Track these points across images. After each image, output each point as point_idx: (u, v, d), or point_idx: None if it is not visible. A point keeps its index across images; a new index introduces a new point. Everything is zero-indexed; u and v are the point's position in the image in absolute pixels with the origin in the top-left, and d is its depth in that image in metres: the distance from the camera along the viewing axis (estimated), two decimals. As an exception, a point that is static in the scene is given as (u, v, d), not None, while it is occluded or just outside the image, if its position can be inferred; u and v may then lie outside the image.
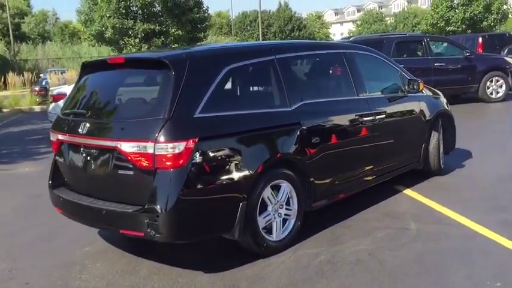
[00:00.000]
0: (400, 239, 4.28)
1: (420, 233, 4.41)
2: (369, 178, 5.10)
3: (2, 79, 21.83)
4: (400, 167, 5.56)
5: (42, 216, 5.28)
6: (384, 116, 5.14)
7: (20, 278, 3.89)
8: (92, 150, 3.83)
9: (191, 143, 3.50)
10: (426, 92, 6.00)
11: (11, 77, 21.98)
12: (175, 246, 4.12)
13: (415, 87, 5.58)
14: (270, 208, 4.06)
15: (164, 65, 3.68)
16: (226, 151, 3.71)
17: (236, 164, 3.73)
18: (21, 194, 6.43)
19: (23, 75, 22.28)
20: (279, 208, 4.14)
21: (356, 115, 4.81)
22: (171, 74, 3.61)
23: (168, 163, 3.46)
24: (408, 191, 5.58)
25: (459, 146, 6.84)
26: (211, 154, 3.61)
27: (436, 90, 6.54)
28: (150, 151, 3.47)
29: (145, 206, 3.49)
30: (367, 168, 5.04)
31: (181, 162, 3.47)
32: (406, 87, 5.62)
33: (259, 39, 41.43)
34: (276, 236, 4.10)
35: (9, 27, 31.66)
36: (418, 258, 3.90)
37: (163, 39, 23.63)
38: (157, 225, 3.47)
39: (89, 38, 26.14)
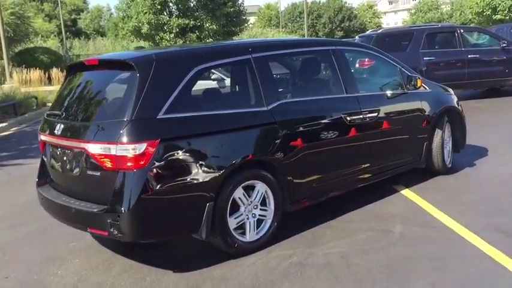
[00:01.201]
0: (379, 242, 4.17)
1: (402, 236, 4.28)
2: (362, 177, 4.98)
3: (47, 74, 22.76)
4: (397, 166, 5.39)
5: (43, 211, 5.48)
6: (376, 114, 4.99)
7: (3, 272, 4.08)
8: (66, 151, 3.95)
9: (152, 144, 3.54)
10: (430, 89, 5.77)
11: (56, 72, 22.88)
12: (150, 244, 4.19)
13: (413, 83, 5.39)
14: (242, 209, 4.05)
15: (131, 66, 3.73)
16: (192, 152, 3.73)
17: (202, 165, 3.74)
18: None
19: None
20: (253, 209, 4.12)
21: (343, 113, 4.70)
22: (136, 75, 3.67)
23: (129, 164, 3.52)
24: (406, 191, 5.41)
25: (479, 143, 6.57)
26: (174, 155, 3.65)
27: (446, 87, 6.28)
28: (113, 152, 3.54)
29: (108, 206, 3.57)
30: (359, 167, 4.93)
31: (142, 163, 3.52)
32: (406, 84, 5.43)
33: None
34: (249, 236, 4.09)
35: (62, 24, 32.94)
36: (390, 263, 3.79)
37: (198, 33, 23.86)
38: (119, 225, 3.55)
39: (126, 34, 26.84)
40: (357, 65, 8.88)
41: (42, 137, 4.29)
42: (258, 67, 4.23)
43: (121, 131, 3.52)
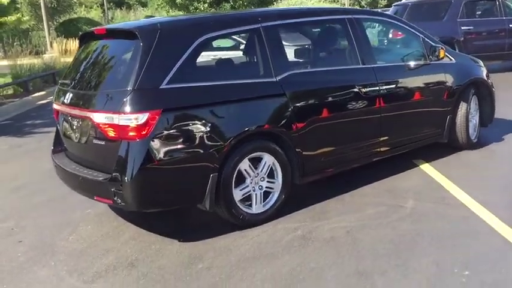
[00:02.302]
0: (388, 218, 4.08)
1: (413, 212, 4.17)
2: (378, 150, 4.86)
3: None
4: (418, 140, 5.23)
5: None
6: (394, 86, 4.83)
7: (17, 236, 4.23)
8: (75, 120, 4.01)
9: (154, 114, 3.54)
10: (455, 59, 5.51)
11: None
12: (160, 213, 4.24)
13: (436, 54, 5.16)
14: (248, 181, 4.02)
15: (135, 35, 3.71)
16: (195, 123, 3.71)
17: (206, 136, 3.72)
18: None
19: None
20: (260, 181, 4.09)
21: (358, 85, 4.56)
22: (140, 44, 3.65)
23: (132, 134, 3.54)
24: (425, 166, 5.25)
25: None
26: (177, 125, 3.64)
27: (474, 58, 6.00)
28: (116, 122, 3.56)
29: (112, 175, 3.61)
30: (375, 140, 4.81)
31: (144, 133, 3.53)
32: (429, 54, 5.21)
33: None
34: (255, 208, 4.07)
35: (104, -5, 33.23)
36: (396, 239, 3.70)
37: (232, 3, 23.58)
38: (123, 194, 3.59)
39: (161, 4, 26.83)
40: (391, 35, 8.61)
41: (55, 106, 4.36)
42: (268, 37, 4.14)
43: (124, 101, 3.53)
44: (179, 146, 3.66)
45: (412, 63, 5.04)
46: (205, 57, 4.02)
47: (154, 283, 3.33)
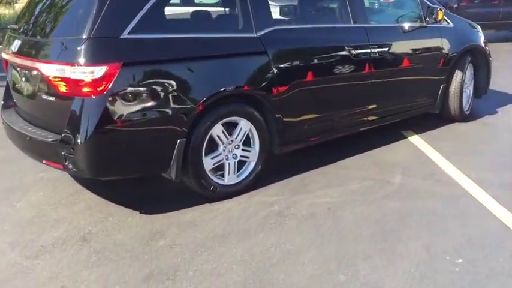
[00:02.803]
0: (373, 194, 3.70)
1: (401, 188, 3.80)
2: (366, 119, 4.45)
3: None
4: (408, 109, 4.83)
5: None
6: (387, 49, 4.39)
7: (-39, 201, 3.76)
8: (24, 71, 3.49)
9: (113, 68, 3.04)
10: (453, 23, 5.07)
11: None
12: (123, 181, 3.79)
13: (434, 16, 4.72)
14: (221, 148, 3.59)
15: (94, -25, 3.18)
16: (161, 80, 3.23)
17: (173, 96, 3.26)
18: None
19: None
20: (234, 149, 3.66)
21: (347, 46, 4.11)
22: (99, -14, 3.12)
23: (86, 89, 3.05)
24: (415, 138, 4.87)
25: (505, 89, 5.91)
26: (140, 82, 3.16)
27: (473, 23, 5.56)
28: (68, 75, 3.06)
29: (62, 137, 3.14)
30: (363, 108, 4.39)
31: (101, 89, 3.04)
32: (426, 16, 4.77)
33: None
34: (228, 179, 3.65)
35: None
36: (382, 219, 3.33)
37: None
38: (74, 159, 3.13)
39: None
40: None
41: (4, 55, 3.82)
42: (249, -14, 3.63)
43: (77, 50, 3.03)
44: (141, 106, 3.18)
45: (407, 25, 4.59)
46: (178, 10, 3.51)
47: (107, 262, 2.91)
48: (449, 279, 2.69)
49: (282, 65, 3.72)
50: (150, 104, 3.20)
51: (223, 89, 3.44)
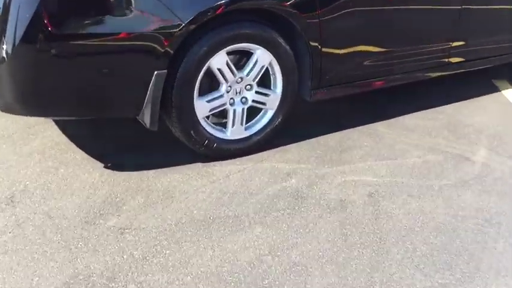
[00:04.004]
0: (441, 177, 2.50)
1: (485, 171, 2.57)
2: (447, 61, 3.14)
3: None
4: (505, 53, 3.44)
5: None
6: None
7: None
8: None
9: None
10: None
11: None
12: (91, 121, 2.76)
13: None
14: (223, 88, 2.46)
15: None
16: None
17: (144, 2, 2.13)
18: None
19: None
20: (245, 89, 2.52)
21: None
22: None
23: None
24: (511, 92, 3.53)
25: None
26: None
27: None
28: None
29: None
30: (443, 45, 3.07)
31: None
32: None
33: None
34: (231, 132, 2.55)
35: None
36: (449, 228, 2.16)
37: None
38: (-5, 87, 2.12)
39: None
40: None
41: None
42: None
43: None
44: (93, 15, 2.09)
45: None
46: None
47: (21, 246, 1.95)
48: None
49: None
50: (108, 13, 2.09)
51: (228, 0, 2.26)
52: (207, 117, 2.49)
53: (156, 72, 2.21)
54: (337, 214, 2.19)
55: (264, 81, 2.59)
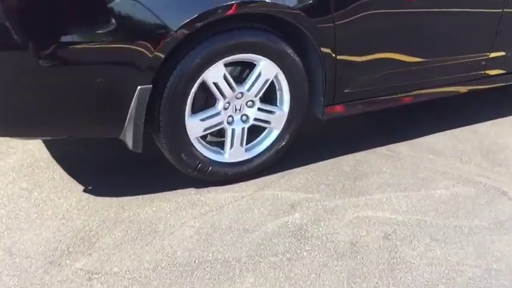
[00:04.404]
0: (474, 216, 2.13)
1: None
2: (481, 73, 2.75)
3: None
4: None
5: None
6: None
7: None
8: None
9: None
10: None
11: None
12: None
13: None
14: (220, 104, 2.13)
15: None
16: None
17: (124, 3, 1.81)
18: None
19: None
20: (246, 106, 2.19)
21: None
22: None
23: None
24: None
25: None
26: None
27: None
28: None
29: None
30: (479, 56, 2.68)
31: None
32: None
33: None
34: (229, 154, 2.23)
35: None
36: (466, 275, 1.80)
37: None
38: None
39: None
40: None
41: None
42: None
43: None
44: (69, 21, 1.78)
45: None
46: None
47: (-34, 296, 1.68)
48: None
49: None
50: (80, 17, 1.78)
51: (226, 4, 1.92)
52: (203, 136, 2.18)
53: (139, 88, 1.90)
54: (346, 261, 1.85)
55: (270, 96, 2.26)
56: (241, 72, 2.17)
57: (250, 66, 2.15)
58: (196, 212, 2.08)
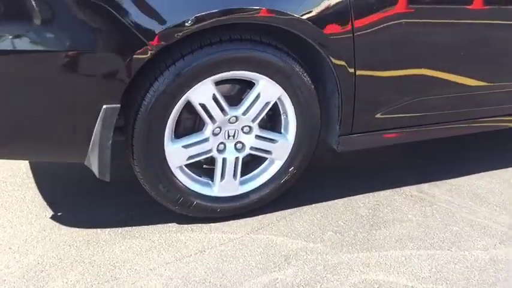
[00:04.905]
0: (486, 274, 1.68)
1: None
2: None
3: None
4: None
5: None
6: None
7: None
8: None
9: None
10: None
11: None
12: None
13: None
14: (207, 129, 1.78)
15: None
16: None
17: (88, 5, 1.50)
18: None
19: None
20: (241, 132, 1.83)
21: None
22: None
23: None
24: None
25: None
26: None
27: None
28: None
29: None
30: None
31: None
32: None
33: None
34: (219, 187, 1.87)
35: None
36: None
37: None
38: None
39: None
40: None
41: None
42: None
43: None
44: (25, 26, 1.50)
45: None
46: None
47: None
48: None
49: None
50: (38, 22, 1.49)
51: (216, 11, 1.57)
52: (185, 165, 1.84)
53: (104, 107, 1.58)
54: None
55: (272, 120, 1.90)
56: (239, 91, 1.81)
57: (250, 84, 1.79)
58: (170, 257, 1.74)
